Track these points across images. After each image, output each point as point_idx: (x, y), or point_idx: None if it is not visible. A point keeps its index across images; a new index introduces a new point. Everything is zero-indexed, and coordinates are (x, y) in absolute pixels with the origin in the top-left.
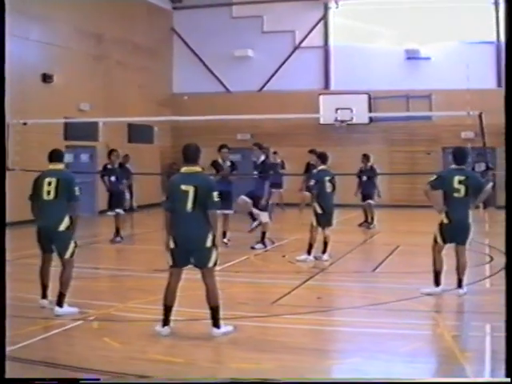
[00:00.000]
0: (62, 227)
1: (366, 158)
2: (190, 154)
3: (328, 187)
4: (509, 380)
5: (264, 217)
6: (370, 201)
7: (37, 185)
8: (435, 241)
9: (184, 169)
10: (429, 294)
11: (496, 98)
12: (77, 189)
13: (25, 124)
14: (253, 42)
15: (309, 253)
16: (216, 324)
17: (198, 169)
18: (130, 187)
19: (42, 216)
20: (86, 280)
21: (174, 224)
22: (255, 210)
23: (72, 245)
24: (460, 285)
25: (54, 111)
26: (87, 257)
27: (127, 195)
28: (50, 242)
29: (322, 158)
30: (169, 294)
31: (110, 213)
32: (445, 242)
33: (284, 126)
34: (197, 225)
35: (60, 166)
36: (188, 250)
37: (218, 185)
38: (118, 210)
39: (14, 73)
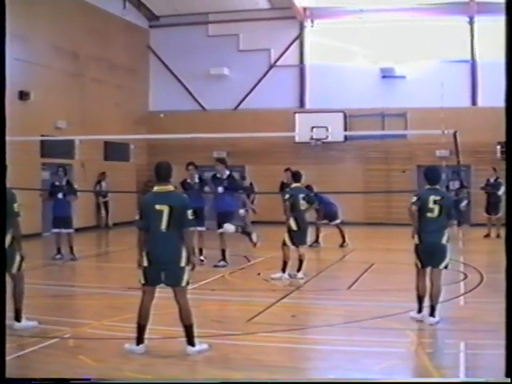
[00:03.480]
0: (5, 245)
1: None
2: (163, 173)
3: (302, 205)
4: (509, 380)
5: (229, 227)
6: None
7: None
8: (416, 265)
9: (156, 188)
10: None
11: (471, 117)
12: (16, 205)
13: None
14: (229, 61)
15: (283, 271)
16: (191, 342)
17: (170, 187)
18: (105, 205)
19: None
20: (62, 298)
21: (147, 242)
22: (225, 225)
23: (17, 259)
24: (432, 313)
25: (30, 128)
26: (63, 275)
27: (103, 212)
28: None
29: (296, 176)
30: (142, 313)
31: (47, 233)
32: (423, 265)
33: (260, 143)
34: (171, 244)
35: None
36: (161, 268)
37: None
38: (56, 230)
39: None
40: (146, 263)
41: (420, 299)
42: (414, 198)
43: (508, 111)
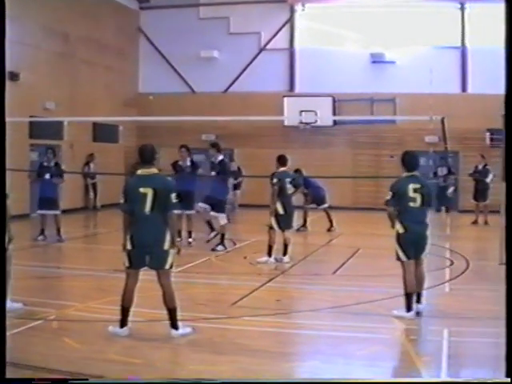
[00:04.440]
0: None
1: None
2: (147, 155)
3: (289, 189)
4: (509, 380)
5: (222, 219)
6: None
7: None
8: (398, 259)
9: (141, 171)
10: (399, 318)
11: (460, 103)
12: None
13: None
14: (219, 43)
15: (269, 255)
16: (174, 325)
17: (154, 170)
18: (94, 186)
19: None
20: (48, 279)
21: (131, 225)
22: (213, 213)
23: (5, 240)
24: (419, 299)
25: (19, 109)
26: (50, 256)
27: (91, 194)
28: None
29: (281, 160)
30: (126, 296)
31: (34, 214)
32: (409, 257)
33: (249, 127)
34: (155, 227)
35: None
36: (145, 251)
37: (179, 185)
38: (42, 212)
39: None
40: (129, 246)
41: (410, 296)
42: (390, 194)
43: (507, 107)
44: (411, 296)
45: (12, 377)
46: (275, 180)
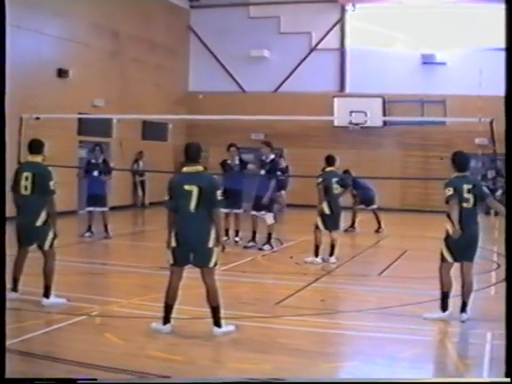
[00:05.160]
0: (39, 222)
1: (347, 172)
2: (192, 153)
3: (335, 189)
4: (509, 380)
5: (269, 218)
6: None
7: (16, 178)
8: (443, 259)
9: (186, 168)
10: (435, 320)
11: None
12: (52, 183)
13: (37, 119)
14: (269, 43)
15: (316, 255)
16: (217, 323)
17: (200, 168)
18: (142, 184)
19: (20, 211)
20: (94, 276)
21: (176, 223)
22: (260, 213)
23: (50, 236)
24: (464, 309)
25: (68, 106)
26: (96, 253)
27: (139, 191)
28: (28, 236)
29: (329, 160)
30: (170, 293)
31: (82, 211)
32: (455, 259)
33: (298, 127)
34: (200, 224)
35: (37, 159)
36: (190, 249)
37: (228, 183)
38: (90, 208)
39: (29, 67)
40: (174, 244)
41: (446, 296)
42: (451, 190)
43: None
44: (447, 295)
45: (49, 372)
46: (320, 180)
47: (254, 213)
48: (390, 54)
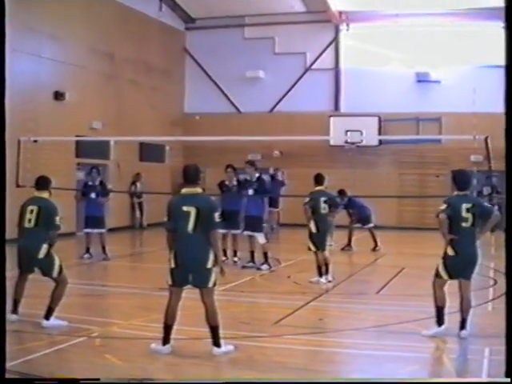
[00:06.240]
0: (41, 255)
1: (343, 192)
2: (190, 175)
3: (323, 208)
4: (509, 380)
5: (261, 238)
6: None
7: (21, 213)
8: (437, 275)
9: (184, 190)
10: (432, 336)
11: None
12: (58, 218)
13: (35, 141)
14: (264, 63)
15: (320, 275)
16: (216, 343)
17: (198, 190)
18: (140, 205)
19: (22, 242)
20: (93, 297)
21: (175, 244)
22: (250, 232)
23: (57, 264)
24: (463, 325)
25: (65, 129)
26: (95, 274)
27: (137, 213)
28: (30, 266)
29: (318, 179)
30: (169, 313)
31: (80, 233)
32: (451, 277)
33: (294, 147)
34: (198, 245)
35: (44, 194)
36: (188, 270)
37: (226, 204)
38: (88, 230)
39: (27, 90)
40: (173, 265)
41: (440, 310)
42: (444, 206)
43: (508, 115)
44: (442, 310)
45: None
46: (306, 200)
47: (245, 233)
48: (385, 73)
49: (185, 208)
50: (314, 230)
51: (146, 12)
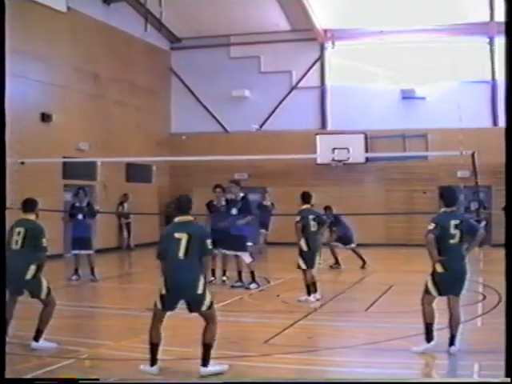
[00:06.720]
0: (29, 276)
1: (328, 209)
2: (184, 205)
3: (313, 226)
4: (509, 380)
5: (246, 257)
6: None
7: (9, 234)
8: (426, 292)
9: (178, 219)
10: (422, 352)
11: (491, 137)
12: (44, 240)
13: (22, 163)
14: (250, 82)
15: (308, 293)
16: (205, 362)
17: (190, 218)
18: (127, 226)
19: (10, 263)
20: (82, 318)
21: (166, 270)
22: (234, 252)
23: (44, 285)
24: (452, 342)
25: (52, 150)
26: (84, 295)
27: (125, 234)
28: (18, 288)
29: (305, 197)
30: (153, 332)
31: (68, 254)
32: (440, 293)
33: (281, 165)
34: (188, 272)
35: (31, 216)
36: (179, 296)
37: (215, 224)
38: (75, 252)
39: (13, 112)
40: (163, 291)
41: (430, 327)
42: (432, 225)
43: (508, 124)
44: (431, 326)
45: None
46: (298, 218)
47: (229, 253)
48: (370, 91)
49: (176, 235)
50: (304, 248)
51: (132, 32)
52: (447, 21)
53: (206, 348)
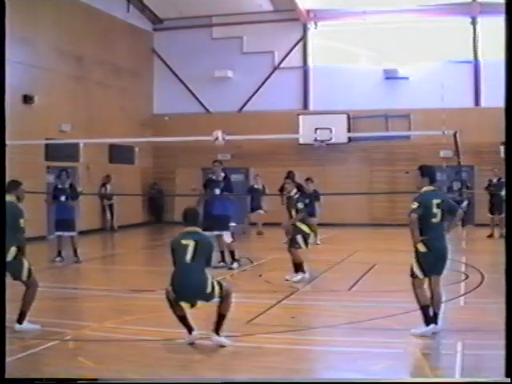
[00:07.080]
0: (9, 257)
1: (309, 180)
2: (191, 218)
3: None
4: (509, 380)
5: (227, 237)
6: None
7: None
8: (413, 275)
9: (186, 229)
10: (422, 335)
11: (474, 117)
12: (22, 221)
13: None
14: (233, 63)
15: (302, 271)
16: (217, 331)
17: (197, 229)
18: (110, 207)
19: None
20: (65, 300)
21: (173, 276)
22: (216, 232)
23: (25, 267)
24: (435, 320)
25: (35, 132)
26: (67, 277)
27: (108, 215)
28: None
29: (290, 176)
30: (174, 310)
31: (51, 236)
32: (425, 274)
33: (264, 145)
34: (195, 274)
35: (10, 198)
36: (188, 298)
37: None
38: (59, 233)
39: None
40: (172, 295)
41: (426, 309)
42: (415, 204)
43: (508, 111)
44: (427, 309)
45: None
46: (297, 198)
47: (212, 233)
48: (353, 71)
49: (183, 241)
50: (306, 229)
51: (114, 13)
52: (430, 1)
53: (221, 318)
